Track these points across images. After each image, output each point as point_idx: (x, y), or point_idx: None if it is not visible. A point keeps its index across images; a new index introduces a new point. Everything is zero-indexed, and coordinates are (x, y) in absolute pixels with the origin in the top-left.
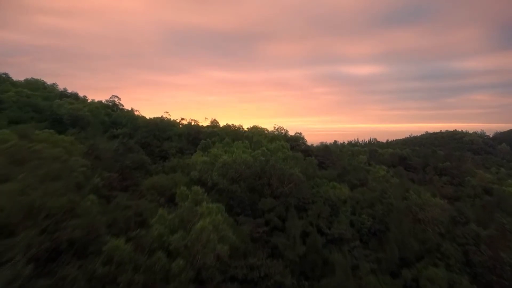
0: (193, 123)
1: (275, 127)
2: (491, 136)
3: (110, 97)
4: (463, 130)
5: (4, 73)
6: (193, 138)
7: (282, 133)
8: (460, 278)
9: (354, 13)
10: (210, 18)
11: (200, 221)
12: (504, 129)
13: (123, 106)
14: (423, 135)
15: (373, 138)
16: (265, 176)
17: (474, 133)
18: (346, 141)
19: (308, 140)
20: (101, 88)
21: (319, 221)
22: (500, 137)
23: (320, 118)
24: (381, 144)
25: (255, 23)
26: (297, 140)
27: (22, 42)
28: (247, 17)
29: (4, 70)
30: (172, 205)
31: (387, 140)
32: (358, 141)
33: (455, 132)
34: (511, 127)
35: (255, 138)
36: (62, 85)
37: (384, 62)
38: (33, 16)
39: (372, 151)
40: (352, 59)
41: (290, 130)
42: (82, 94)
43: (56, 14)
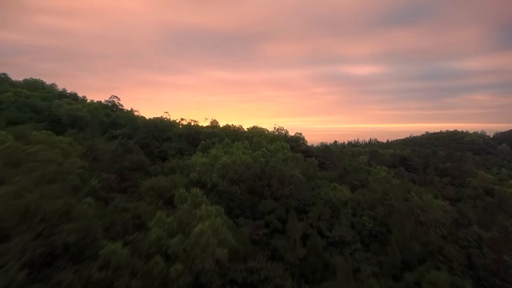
0: (193, 123)
1: (275, 128)
2: (491, 136)
3: (110, 97)
4: (463, 130)
5: (2, 73)
6: (193, 138)
7: (282, 133)
8: (463, 281)
9: (354, 13)
10: (210, 18)
11: (199, 224)
12: (504, 129)
13: (122, 106)
14: (423, 135)
15: (374, 139)
16: (265, 177)
17: (475, 133)
18: (346, 141)
19: (308, 140)
20: (101, 88)
21: (320, 223)
22: (501, 137)
23: (320, 118)
24: (382, 144)
25: (255, 23)
26: (297, 140)
27: (22, 42)
28: (247, 17)
29: (4, 70)
30: (171, 207)
31: (387, 140)
32: (358, 141)
33: (455, 132)
34: (511, 127)
35: (255, 138)
36: (62, 85)
37: (384, 62)
38: (33, 16)
39: (372, 152)
40: (352, 59)
41: (290, 130)
42: (82, 94)
43: (56, 14)
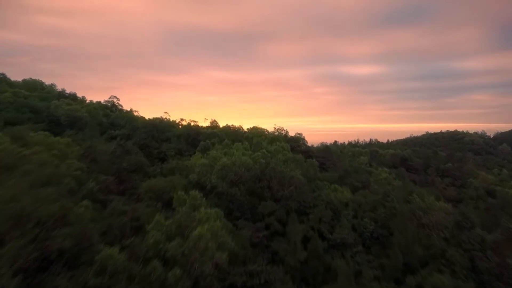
0: (193, 123)
1: (275, 128)
2: (491, 136)
3: (109, 97)
4: (464, 130)
5: (1, 73)
6: (192, 139)
7: (282, 133)
8: (466, 285)
9: (354, 13)
10: (210, 18)
11: (198, 227)
12: (504, 129)
13: (122, 106)
14: (424, 135)
15: (374, 139)
16: (265, 179)
17: (475, 133)
18: (346, 141)
19: (308, 140)
20: (101, 88)
21: (321, 225)
22: (501, 137)
23: (320, 118)
24: (382, 144)
25: (255, 23)
26: (298, 140)
27: (22, 42)
28: (247, 17)
29: (4, 70)
30: (170, 209)
31: (388, 140)
32: (359, 142)
33: (455, 133)
34: (511, 127)
35: (255, 139)
36: (61, 85)
37: (384, 62)
38: (33, 16)
39: (373, 152)
40: (352, 59)
41: (290, 130)
42: (82, 94)
43: (56, 14)
